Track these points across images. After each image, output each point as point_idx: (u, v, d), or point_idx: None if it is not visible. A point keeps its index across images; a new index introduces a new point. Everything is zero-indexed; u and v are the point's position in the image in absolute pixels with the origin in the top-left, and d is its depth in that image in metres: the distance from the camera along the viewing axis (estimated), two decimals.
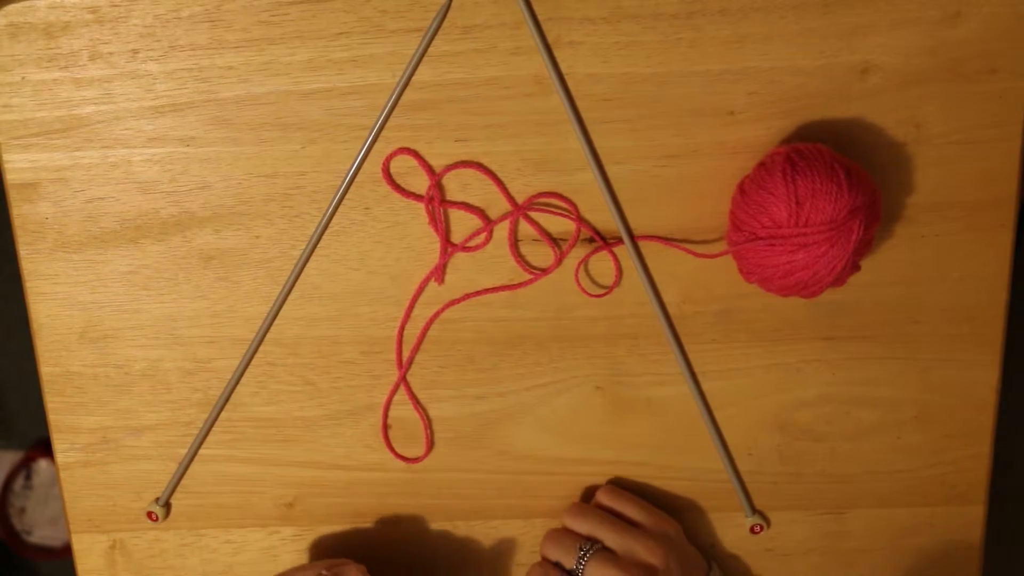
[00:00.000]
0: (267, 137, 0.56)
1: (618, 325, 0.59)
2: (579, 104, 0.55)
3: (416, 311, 0.59)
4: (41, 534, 1.39)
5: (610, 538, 0.57)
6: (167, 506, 0.61)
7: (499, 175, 0.57)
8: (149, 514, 0.61)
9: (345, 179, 0.56)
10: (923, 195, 0.57)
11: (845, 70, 0.55)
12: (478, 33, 0.54)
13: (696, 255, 0.57)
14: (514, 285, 0.58)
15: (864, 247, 0.53)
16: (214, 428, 0.60)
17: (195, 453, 0.61)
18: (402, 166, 0.56)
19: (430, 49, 0.54)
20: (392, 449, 0.61)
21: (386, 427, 0.61)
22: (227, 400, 0.60)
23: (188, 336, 0.59)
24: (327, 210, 0.56)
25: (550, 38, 0.54)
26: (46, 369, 0.59)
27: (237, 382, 0.59)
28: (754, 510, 0.62)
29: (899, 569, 0.64)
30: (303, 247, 0.57)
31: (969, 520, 0.63)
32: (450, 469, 0.62)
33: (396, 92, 0.55)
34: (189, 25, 0.54)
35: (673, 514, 0.62)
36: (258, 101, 0.55)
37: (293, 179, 0.56)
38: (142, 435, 0.61)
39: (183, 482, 0.61)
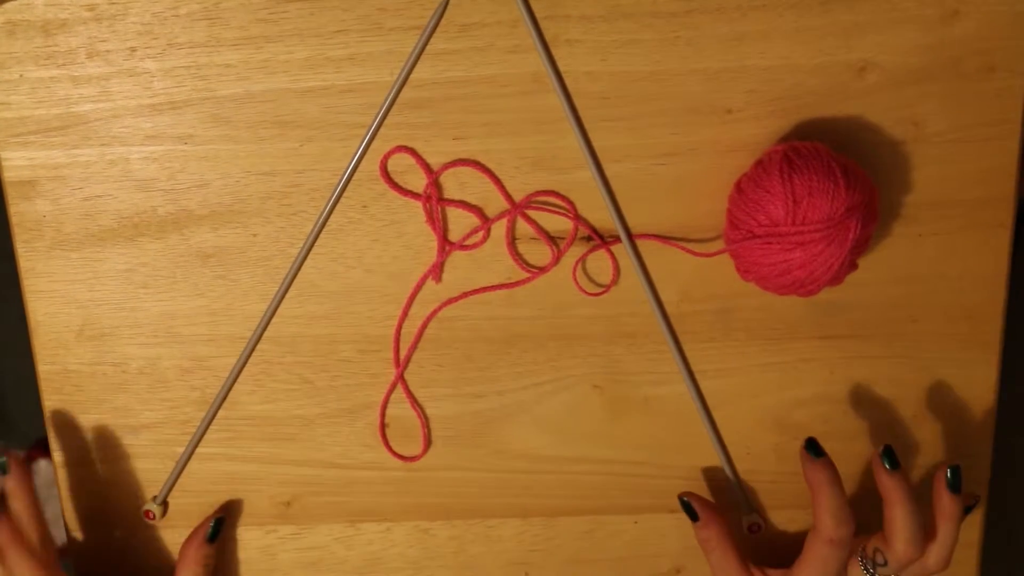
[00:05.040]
0: (265, 135, 0.56)
1: (616, 324, 0.59)
2: (577, 102, 0.55)
3: (414, 309, 0.59)
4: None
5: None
6: (164, 504, 0.61)
7: (497, 173, 0.57)
8: (146, 512, 0.61)
9: (342, 178, 0.56)
10: (921, 193, 0.57)
11: (843, 68, 0.55)
12: (476, 31, 0.54)
13: (693, 254, 0.57)
14: (512, 283, 0.58)
15: (862, 246, 0.53)
16: (212, 426, 0.60)
17: (192, 452, 0.60)
18: (399, 164, 0.56)
19: (428, 47, 0.54)
20: (389, 448, 0.61)
21: (383, 426, 0.61)
22: (224, 399, 0.60)
23: (186, 334, 0.59)
24: (324, 209, 0.56)
25: (548, 36, 0.54)
26: (43, 367, 0.59)
27: (234, 380, 0.59)
28: (751, 509, 0.62)
29: None
30: (301, 245, 0.57)
31: (968, 520, 0.62)
32: (448, 468, 0.62)
33: (394, 90, 0.55)
34: (187, 23, 0.54)
35: (672, 513, 0.62)
36: (256, 99, 0.55)
37: (291, 177, 0.56)
38: (140, 433, 0.61)
39: (181, 481, 0.61)
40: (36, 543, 0.56)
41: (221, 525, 0.60)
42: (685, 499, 0.59)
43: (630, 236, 0.57)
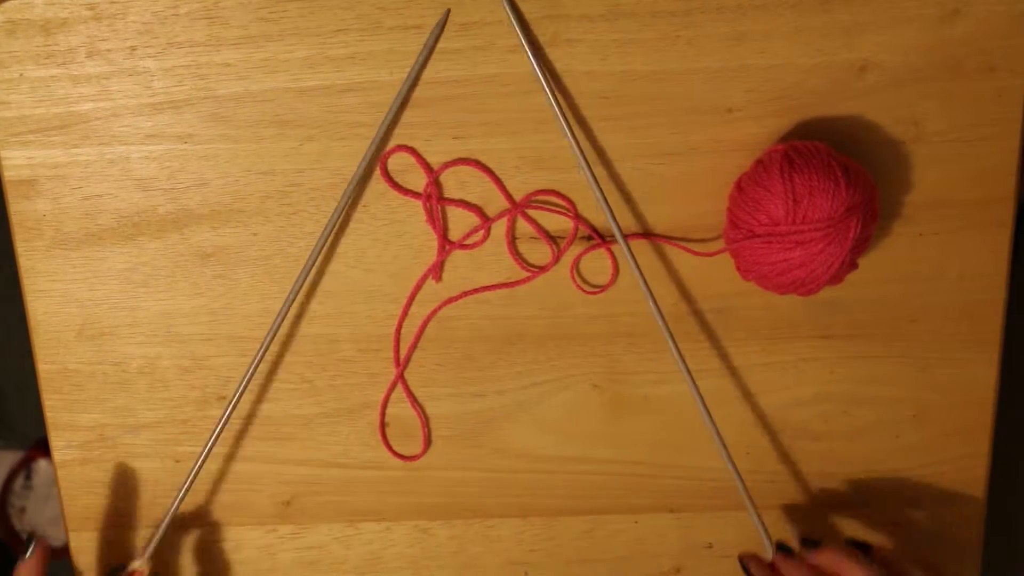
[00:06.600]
0: (265, 134, 0.56)
1: (615, 323, 0.59)
2: (577, 102, 0.55)
3: (414, 309, 0.59)
4: (41, 534, 1.39)
5: None
6: (150, 561, 0.59)
7: (497, 172, 0.57)
8: (132, 573, 0.59)
9: (352, 182, 0.56)
10: (921, 193, 0.57)
11: (843, 68, 0.55)
12: (476, 30, 0.54)
13: (693, 253, 0.57)
14: (512, 283, 0.58)
15: (862, 245, 0.53)
16: (211, 427, 0.60)
17: (194, 474, 0.61)
18: (400, 164, 0.56)
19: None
20: (389, 447, 0.61)
21: (383, 425, 0.61)
22: (236, 401, 0.60)
23: (186, 333, 0.59)
24: (336, 210, 0.56)
25: (547, 36, 0.54)
26: (43, 366, 0.59)
27: (246, 385, 0.58)
28: (755, 505, 0.61)
29: None
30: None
31: (968, 519, 0.63)
32: (447, 467, 0.61)
33: (400, 96, 0.54)
34: (187, 22, 0.54)
35: (671, 513, 0.62)
36: (256, 98, 0.55)
37: (291, 176, 0.56)
38: (139, 433, 0.61)
39: (182, 481, 0.61)
40: None
41: None
42: (745, 564, 0.59)
43: (624, 236, 0.57)
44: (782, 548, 0.59)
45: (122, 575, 0.59)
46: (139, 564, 0.59)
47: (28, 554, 0.56)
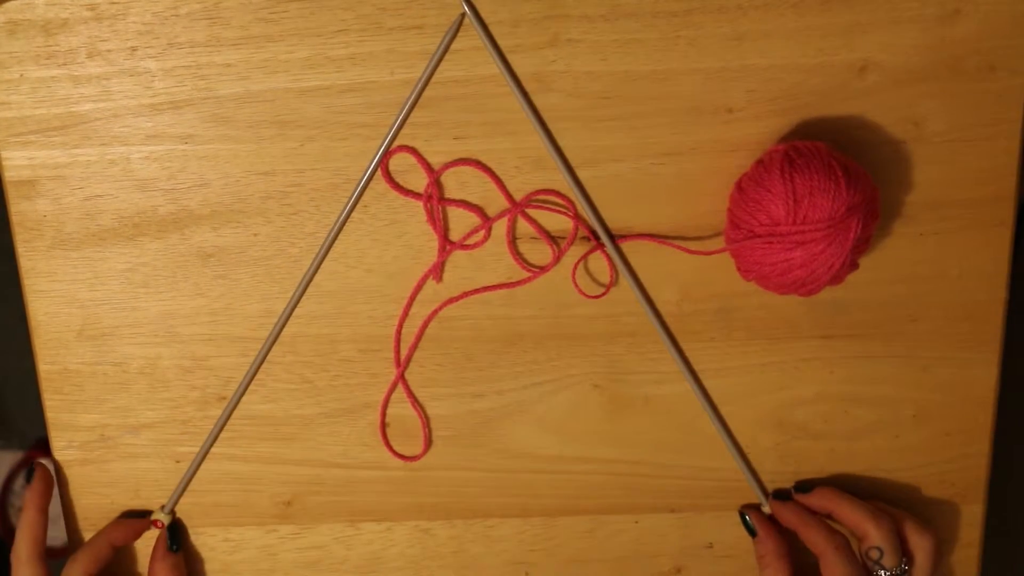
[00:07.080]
0: (265, 135, 0.56)
1: (616, 323, 0.59)
2: (577, 102, 0.55)
3: (414, 309, 0.59)
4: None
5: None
6: (172, 514, 0.61)
7: (497, 173, 0.57)
8: (154, 522, 0.61)
9: (358, 185, 0.56)
10: (922, 193, 0.57)
11: (844, 68, 0.55)
12: (476, 30, 0.54)
13: (691, 252, 0.57)
14: (512, 283, 0.58)
15: (862, 245, 0.53)
16: (212, 427, 0.60)
17: (200, 461, 0.60)
18: (401, 164, 0.56)
19: (428, 46, 0.54)
20: (390, 447, 0.61)
21: (384, 425, 0.61)
22: (236, 405, 0.60)
23: (186, 334, 0.59)
24: (342, 212, 0.56)
25: (548, 35, 0.54)
26: (44, 366, 0.59)
27: (248, 385, 0.59)
28: (766, 494, 0.62)
29: None
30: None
31: (968, 519, 0.63)
32: (448, 467, 0.62)
33: (413, 96, 0.55)
34: (188, 22, 0.54)
35: (672, 513, 0.62)
36: (256, 98, 0.55)
37: (291, 177, 0.56)
38: (140, 433, 0.61)
39: (180, 480, 0.61)
40: (23, 558, 0.57)
41: (176, 531, 0.61)
42: (745, 514, 0.61)
43: (613, 240, 0.57)
44: (778, 496, 0.61)
45: (143, 520, 0.61)
46: (161, 516, 0.61)
47: (31, 480, 0.59)
